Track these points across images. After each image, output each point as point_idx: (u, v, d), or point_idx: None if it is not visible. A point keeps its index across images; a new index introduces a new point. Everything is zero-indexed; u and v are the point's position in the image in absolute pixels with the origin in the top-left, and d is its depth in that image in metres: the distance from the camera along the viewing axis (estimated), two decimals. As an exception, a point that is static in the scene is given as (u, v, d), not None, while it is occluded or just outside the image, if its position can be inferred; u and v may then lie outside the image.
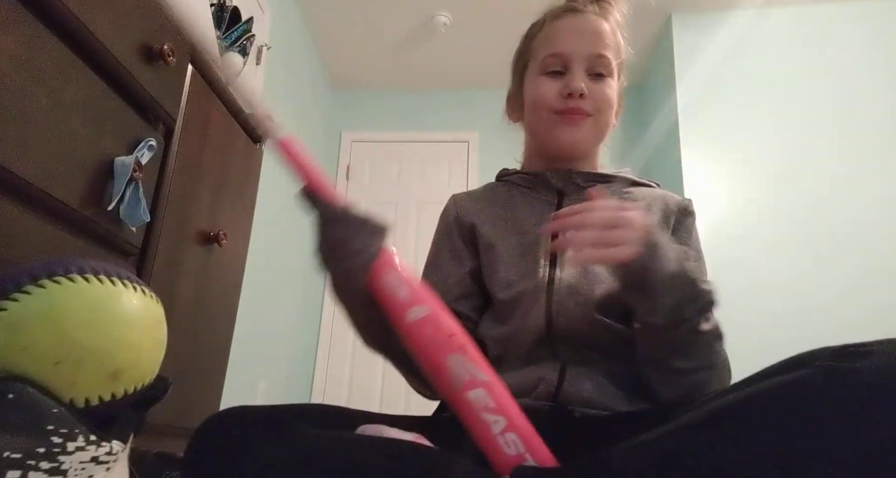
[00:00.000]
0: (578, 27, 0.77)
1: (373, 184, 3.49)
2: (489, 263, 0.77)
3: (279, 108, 2.63)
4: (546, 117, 0.77)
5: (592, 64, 0.76)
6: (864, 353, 0.36)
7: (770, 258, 2.42)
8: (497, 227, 0.79)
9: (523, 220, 0.78)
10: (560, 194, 0.79)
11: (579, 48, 0.76)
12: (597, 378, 0.65)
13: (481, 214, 0.81)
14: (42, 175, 0.66)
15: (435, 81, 3.53)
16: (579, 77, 0.75)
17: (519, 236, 0.76)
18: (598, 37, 0.76)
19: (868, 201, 2.43)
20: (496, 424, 0.47)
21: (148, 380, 0.51)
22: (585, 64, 0.76)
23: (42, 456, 0.40)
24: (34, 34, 0.65)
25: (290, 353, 2.92)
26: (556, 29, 0.78)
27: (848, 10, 2.73)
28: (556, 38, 0.77)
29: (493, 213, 0.81)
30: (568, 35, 0.77)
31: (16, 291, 0.44)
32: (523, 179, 0.82)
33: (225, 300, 1.20)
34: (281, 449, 0.44)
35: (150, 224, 0.89)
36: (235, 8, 1.80)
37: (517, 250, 0.75)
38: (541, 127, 0.79)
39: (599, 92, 0.76)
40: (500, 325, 0.73)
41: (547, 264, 0.72)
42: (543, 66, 0.78)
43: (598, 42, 0.76)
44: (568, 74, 0.76)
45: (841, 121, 2.57)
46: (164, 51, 0.86)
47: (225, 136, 1.18)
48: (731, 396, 0.40)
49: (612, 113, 0.79)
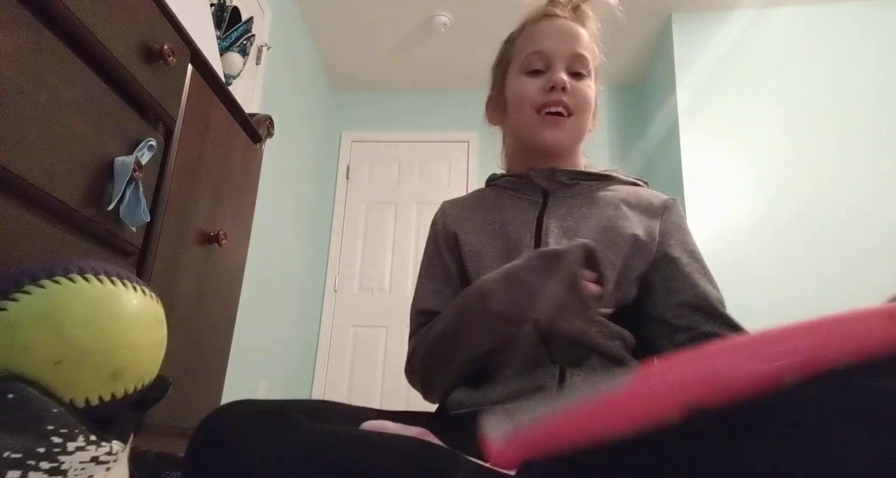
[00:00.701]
0: (558, 28, 0.80)
1: (373, 184, 3.49)
2: (475, 270, 0.77)
3: (279, 108, 2.63)
4: (529, 115, 0.79)
5: (572, 62, 0.79)
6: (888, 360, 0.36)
7: (771, 257, 2.43)
8: (483, 233, 0.80)
9: (508, 222, 0.79)
10: (545, 193, 0.80)
11: (560, 47, 0.79)
12: (596, 381, 0.65)
13: (467, 222, 0.82)
14: (42, 175, 0.66)
15: (435, 81, 3.53)
16: (561, 72, 0.78)
17: (504, 238, 0.77)
18: (577, 38, 0.80)
19: (869, 200, 2.43)
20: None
21: (148, 380, 0.51)
22: (566, 62, 0.79)
23: (42, 456, 0.40)
24: (34, 34, 0.65)
25: (290, 353, 2.92)
26: (537, 30, 0.81)
27: (848, 10, 2.74)
28: (537, 38, 0.80)
29: (480, 219, 0.82)
30: (549, 35, 0.80)
31: (16, 291, 0.44)
32: (509, 182, 0.84)
33: (225, 300, 1.20)
34: (284, 444, 0.44)
35: (150, 224, 0.89)
36: (235, 8, 1.80)
37: (502, 253, 0.76)
38: (524, 126, 0.81)
39: (579, 89, 0.79)
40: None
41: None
42: (525, 64, 0.80)
43: (577, 43, 0.79)
44: (549, 71, 0.79)
45: (841, 120, 2.57)
46: (164, 51, 0.86)
47: (225, 136, 1.18)
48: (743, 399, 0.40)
49: (590, 113, 0.81)
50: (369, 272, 3.31)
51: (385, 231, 3.39)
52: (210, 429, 0.48)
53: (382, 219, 3.42)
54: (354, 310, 3.25)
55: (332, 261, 3.36)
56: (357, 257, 3.36)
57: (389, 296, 3.24)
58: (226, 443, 0.46)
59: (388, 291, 3.25)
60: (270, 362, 2.65)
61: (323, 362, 3.17)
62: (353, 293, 3.29)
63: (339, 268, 3.35)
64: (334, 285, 3.31)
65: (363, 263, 3.34)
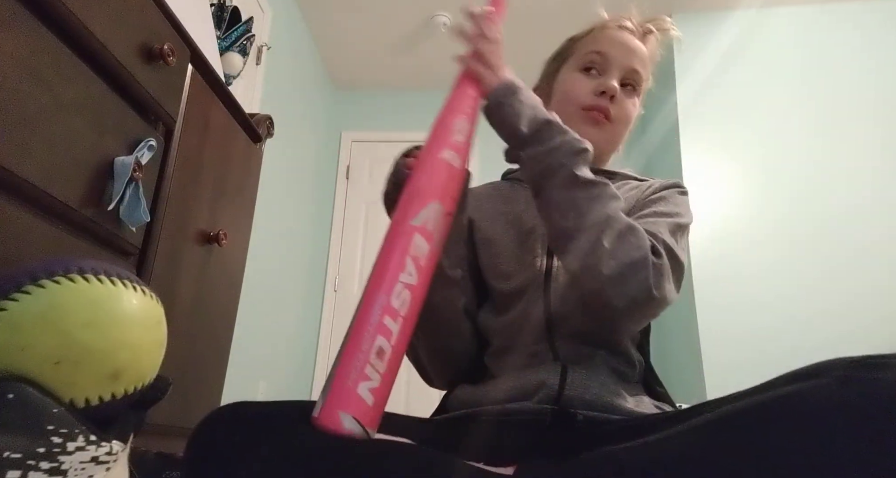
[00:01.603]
0: (623, 39, 0.82)
1: (373, 184, 3.49)
2: (488, 257, 0.78)
3: (279, 108, 2.63)
4: (573, 112, 0.79)
5: (627, 75, 0.80)
6: (882, 364, 0.36)
7: (771, 258, 2.42)
8: (496, 222, 0.81)
9: (522, 212, 0.80)
10: None
11: (621, 56, 0.80)
12: (598, 378, 0.65)
13: (480, 210, 0.83)
14: (42, 175, 0.66)
15: (435, 81, 3.53)
16: (614, 80, 0.79)
17: (517, 228, 0.78)
18: (638, 54, 0.81)
19: (869, 200, 2.43)
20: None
21: (148, 380, 0.51)
22: (621, 72, 0.80)
23: (42, 456, 0.40)
24: (34, 34, 0.65)
25: (290, 353, 2.92)
26: (604, 35, 0.83)
27: (847, 10, 2.74)
28: (602, 41, 0.82)
29: (493, 208, 0.83)
30: (614, 42, 0.81)
31: (16, 291, 0.44)
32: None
33: (225, 300, 1.20)
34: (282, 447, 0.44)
35: (150, 224, 0.89)
36: (235, 8, 1.80)
37: (515, 242, 0.77)
38: (565, 120, 0.80)
39: (626, 102, 0.80)
40: (501, 315, 0.74)
41: (544, 255, 0.74)
42: (584, 61, 0.81)
43: (637, 58, 0.81)
44: (604, 76, 0.80)
45: (841, 120, 2.57)
46: (164, 51, 0.86)
47: (225, 136, 1.18)
48: (744, 401, 0.39)
49: (628, 128, 0.82)
50: (369, 272, 3.31)
51: (385, 231, 3.38)
52: (206, 435, 0.48)
53: (382, 219, 3.37)
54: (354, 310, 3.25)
55: (332, 261, 3.36)
56: (357, 257, 3.36)
57: (389, 296, 3.24)
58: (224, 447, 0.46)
59: (388, 291, 3.25)
60: (270, 362, 2.65)
61: (323, 362, 3.17)
62: (353, 293, 3.28)
63: (339, 268, 3.35)
64: (334, 285, 3.31)
65: (363, 263, 3.34)
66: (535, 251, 0.75)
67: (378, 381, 0.47)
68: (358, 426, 0.45)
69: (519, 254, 0.75)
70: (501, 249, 0.77)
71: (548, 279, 0.71)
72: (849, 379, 0.36)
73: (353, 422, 0.45)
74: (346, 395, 0.46)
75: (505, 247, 0.77)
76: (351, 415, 0.45)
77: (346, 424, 0.45)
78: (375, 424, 0.47)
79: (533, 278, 0.72)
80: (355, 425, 0.45)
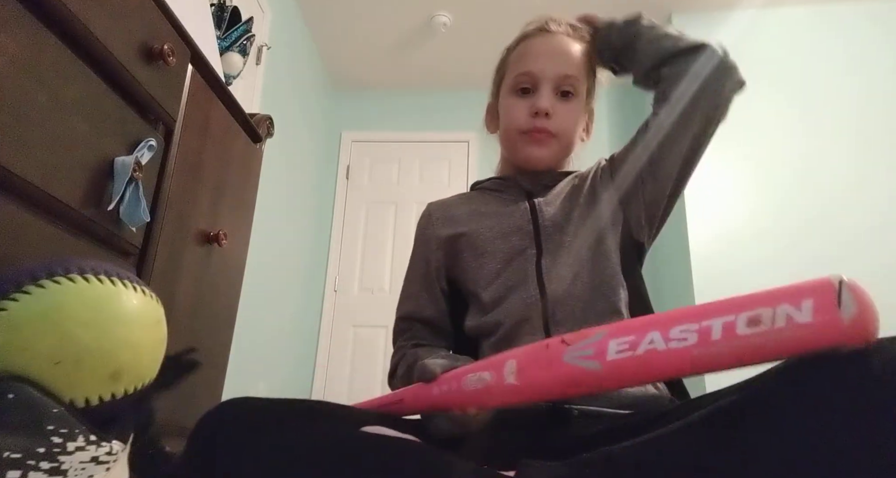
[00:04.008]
0: (548, 47, 0.82)
1: (373, 184, 3.49)
2: (474, 258, 0.79)
3: (279, 109, 2.63)
4: (516, 137, 0.82)
5: (560, 83, 0.81)
6: (873, 350, 0.36)
7: (773, 261, 2.42)
8: (472, 219, 0.83)
9: (499, 210, 0.82)
10: (529, 194, 0.83)
11: (547, 68, 0.80)
12: None
13: (453, 219, 0.85)
14: (42, 175, 0.66)
15: (435, 81, 3.53)
16: (546, 97, 0.80)
17: (496, 218, 0.80)
18: (567, 57, 0.81)
19: (876, 202, 2.43)
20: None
21: (148, 380, 0.51)
22: (553, 83, 0.80)
23: (42, 456, 0.40)
24: (34, 34, 0.65)
25: (290, 353, 2.92)
26: (528, 48, 0.83)
27: (847, 10, 2.74)
28: (526, 57, 0.83)
29: (469, 209, 0.85)
30: (538, 55, 0.82)
31: (16, 291, 0.44)
32: (494, 184, 0.88)
33: (225, 300, 1.20)
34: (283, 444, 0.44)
35: (150, 224, 0.89)
36: (235, 8, 1.80)
37: (498, 233, 0.78)
38: (510, 145, 0.85)
39: (564, 112, 0.81)
40: (491, 311, 0.75)
41: (533, 247, 0.76)
42: (514, 83, 0.83)
43: (567, 62, 0.81)
44: (535, 94, 0.81)
45: (842, 120, 2.57)
46: (164, 51, 0.86)
47: (225, 136, 1.18)
48: (737, 395, 0.40)
49: (576, 133, 0.84)
50: (369, 272, 3.31)
51: (385, 231, 3.38)
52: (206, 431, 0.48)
53: (382, 219, 3.41)
54: (354, 310, 3.25)
55: (332, 261, 3.35)
56: (357, 257, 3.36)
57: (389, 296, 3.24)
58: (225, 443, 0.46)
59: (388, 291, 3.24)
60: (270, 362, 2.65)
61: (323, 362, 3.17)
62: (353, 293, 3.28)
63: (339, 268, 3.35)
64: (334, 285, 3.31)
65: (363, 263, 3.34)
66: (525, 243, 0.76)
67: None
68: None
69: (504, 248, 0.77)
70: (486, 243, 0.78)
71: (540, 275, 0.73)
72: (840, 367, 0.36)
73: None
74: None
75: (490, 243, 0.78)
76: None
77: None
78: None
79: (524, 277, 0.73)
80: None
